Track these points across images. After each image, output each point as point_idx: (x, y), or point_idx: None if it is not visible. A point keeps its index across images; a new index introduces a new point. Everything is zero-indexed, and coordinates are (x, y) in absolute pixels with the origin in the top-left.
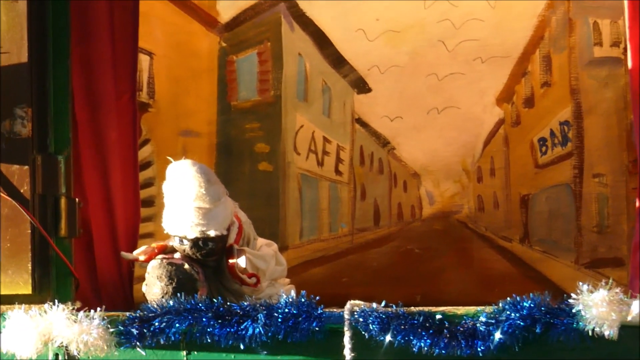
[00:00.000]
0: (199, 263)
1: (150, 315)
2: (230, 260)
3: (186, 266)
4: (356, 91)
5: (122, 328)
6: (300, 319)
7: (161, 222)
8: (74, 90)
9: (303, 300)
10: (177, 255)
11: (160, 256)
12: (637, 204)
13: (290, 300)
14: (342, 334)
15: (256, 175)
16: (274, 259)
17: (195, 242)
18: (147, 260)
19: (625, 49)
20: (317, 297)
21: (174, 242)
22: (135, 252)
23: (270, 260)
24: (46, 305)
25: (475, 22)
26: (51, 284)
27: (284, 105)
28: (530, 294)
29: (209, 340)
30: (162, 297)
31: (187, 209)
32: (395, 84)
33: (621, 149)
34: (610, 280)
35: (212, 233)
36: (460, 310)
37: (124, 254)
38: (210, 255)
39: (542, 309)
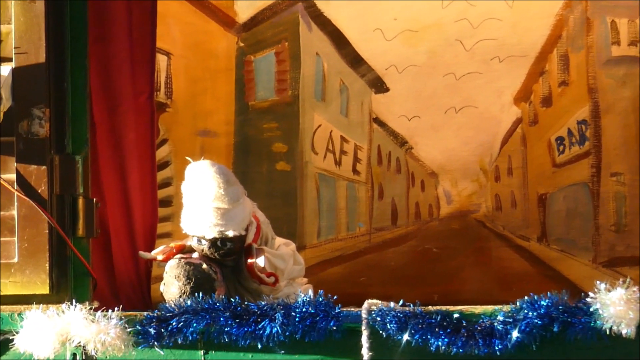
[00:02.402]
0: (217, 263)
1: (167, 315)
2: (249, 260)
3: (204, 266)
4: (374, 91)
5: (139, 328)
6: (317, 318)
7: (179, 222)
8: (91, 91)
9: (321, 299)
10: (195, 255)
11: (178, 256)
12: None
13: (308, 299)
14: (359, 334)
15: (274, 175)
16: (292, 258)
17: (213, 242)
18: (165, 260)
19: None
20: (335, 297)
21: (193, 242)
22: (153, 252)
23: (289, 259)
24: (64, 305)
25: (493, 22)
26: (69, 284)
27: (302, 105)
28: (548, 293)
29: (226, 340)
30: (180, 296)
31: (205, 209)
32: (412, 84)
33: (639, 148)
34: (628, 279)
35: (230, 233)
36: (478, 309)
37: (142, 253)
38: (229, 255)
39: (560, 307)
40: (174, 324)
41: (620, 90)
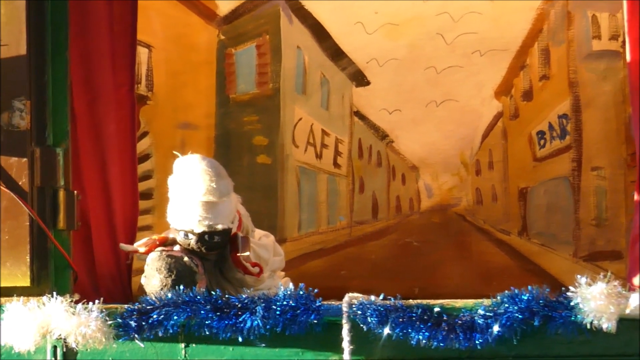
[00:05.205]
0: (199, 256)
1: (148, 307)
2: (236, 250)
3: (186, 259)
4: (355, 84)
5: (120, 320)
6: (298, 311)
7: (159, 214)
8: (72, 83)
9: (301, 292)
10: (177, 247)
11: (159, 248)
12: (636, 197)
13: (289, 292)
14: (340, 327)
15: (254, 168)
16: (273, 249)
17: (201, 236)
18: (147, 252)
19: (623, 42)
20: (316, 290)
21: (179, 236)
22: (136, 244)
23: (271, 250)
24: (44, 298)
25: (474, 15)
26: (49, 276)
27: (283, 98)
28: (529, 287)
29: (207, 333)
30: (161, 289)
31: (194, 203)
32: (393, 77)
33: (619, 142)
34: (609, 273)
35: (219, 227)
36: (459, 303)
37: (123, 245)
38: (215, 249)
39: (541, 302)
40: (155, 316)
41: (600, 85)
